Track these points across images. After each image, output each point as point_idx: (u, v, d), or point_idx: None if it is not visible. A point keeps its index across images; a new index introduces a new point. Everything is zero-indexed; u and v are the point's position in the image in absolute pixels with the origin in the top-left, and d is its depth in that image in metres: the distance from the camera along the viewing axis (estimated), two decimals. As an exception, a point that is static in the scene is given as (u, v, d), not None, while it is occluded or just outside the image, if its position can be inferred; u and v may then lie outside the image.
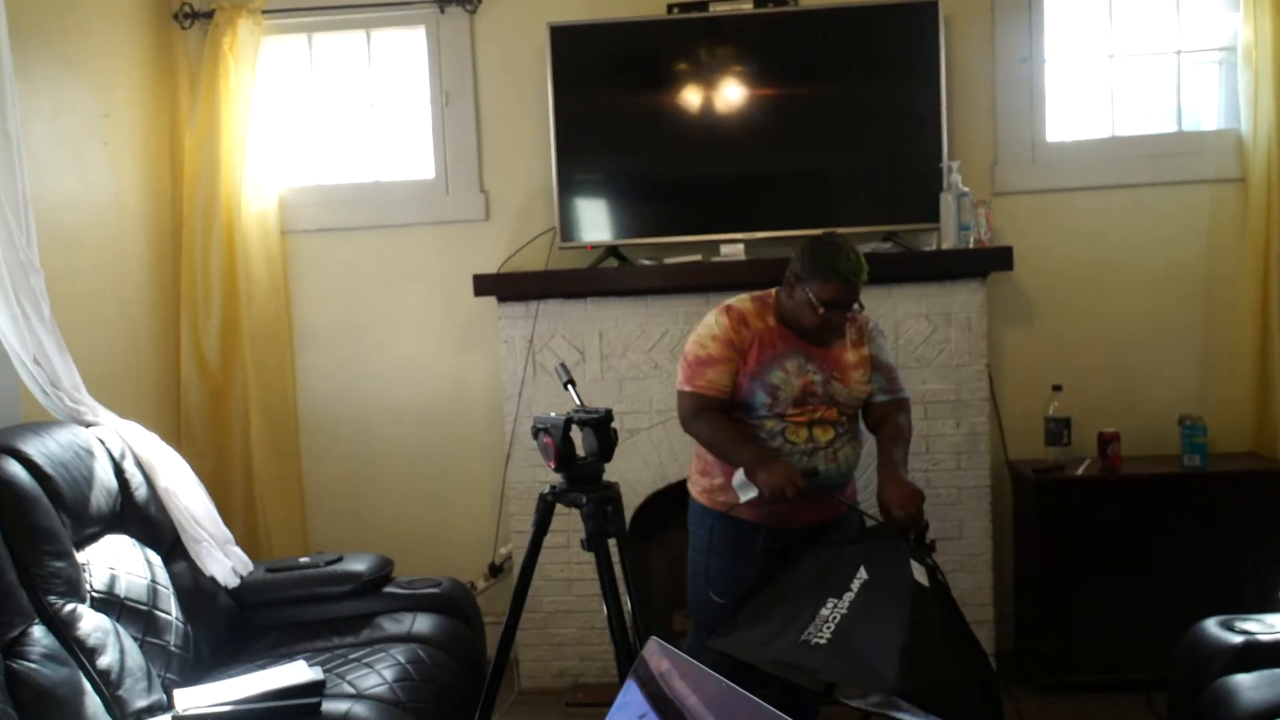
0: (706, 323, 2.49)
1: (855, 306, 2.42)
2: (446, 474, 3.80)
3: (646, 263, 3.46)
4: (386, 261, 3.79)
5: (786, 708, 1.12)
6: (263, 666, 2.56)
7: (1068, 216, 3.54)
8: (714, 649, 2.16)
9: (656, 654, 1.38)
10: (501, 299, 3.48)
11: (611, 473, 2.28)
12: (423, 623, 2.82)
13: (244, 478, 3.73)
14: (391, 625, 2.81)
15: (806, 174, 3.55)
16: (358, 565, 2.96)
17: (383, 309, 3.80)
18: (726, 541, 2.46)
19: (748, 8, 3.54)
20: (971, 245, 3.29)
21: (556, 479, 2.14)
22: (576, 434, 2.14)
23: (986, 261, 3.29)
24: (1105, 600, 3.28)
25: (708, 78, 3.49)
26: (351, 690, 2.42)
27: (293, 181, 3.82)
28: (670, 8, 3.57)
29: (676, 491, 3.33)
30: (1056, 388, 3.38)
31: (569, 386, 2.33)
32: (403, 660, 2.57)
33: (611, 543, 2.19)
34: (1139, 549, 3.28)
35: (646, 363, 3.44)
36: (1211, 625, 2.37)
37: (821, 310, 2.35)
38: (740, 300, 2.51)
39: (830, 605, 2.10)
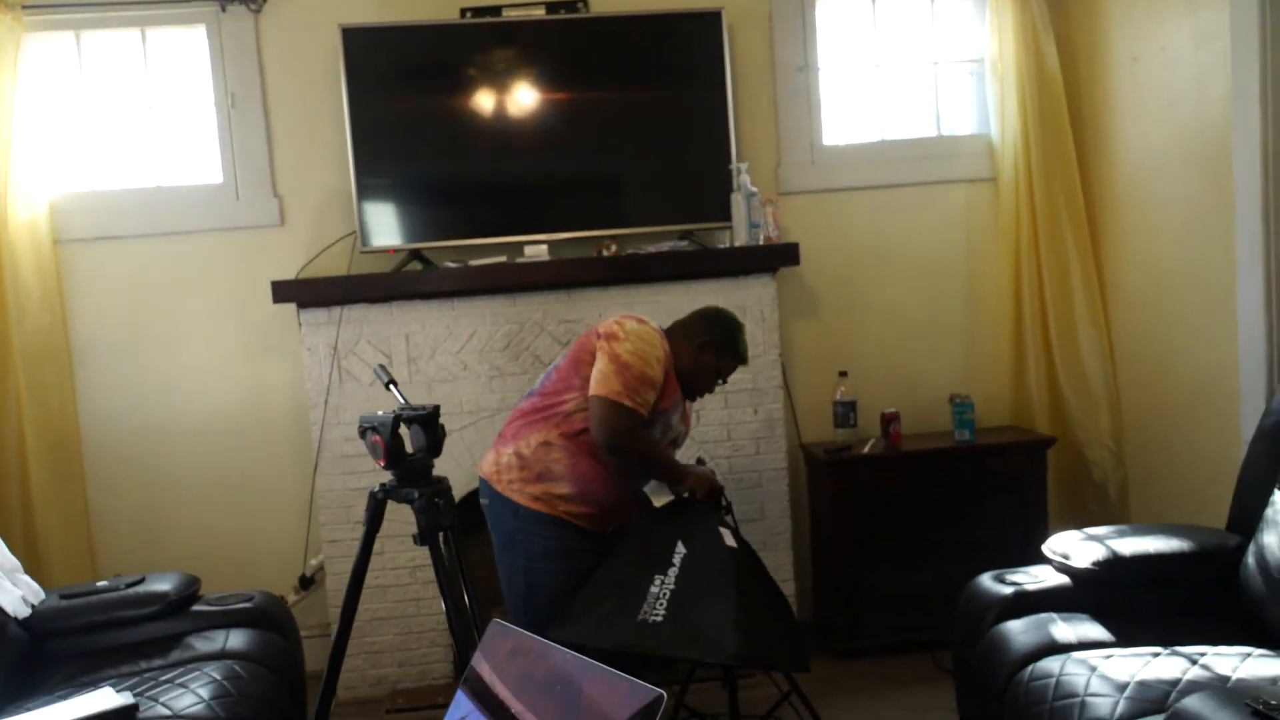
0: (647, 339, 2.51)
1: None
2: (249, 486, 3.67)
3: (451, 265, 3.47)
4: (173, 270, 3.62)
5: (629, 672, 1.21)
6: (64, 697, 2.41)
7: (844, 214, 3.81)
8: (556, 640, 2.20)
9: (499, 634, 1.43)
10: (302, 305, 3.41)
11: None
12: (236, 638, 2.72)
13: (21, 503, 3.47)
14: (203, 644, 2.70)
15: (604, 176, 3.66)
16: (162, 585, 2.82)
17: (172, 320, 3.63)
18: (564, 546, 2.50)
19: (540, 14, 3.61)
20: (762, 242, 3.49)
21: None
22: (403, 431, 2.15)
23: (776, 257, 3.50)
24: (892, 568, 3.56)
25: (504, 81, 3.53)
26: (167, 711, 2.32)
27: (65, 187, 3.59)
28: (463, 12, 3.59)
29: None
30: (842, 373, 3.64)
31: (391, 386, 2.33)
32: (219, 677, 2.48)
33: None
34: (920, 518, 3.58)
35: (455, 364, 3.45)
36: (985, 580, 2.62)
37: (715, 379, 2.67)
38: (663, 340, 2.59)
39: (658, 582, 2.23)
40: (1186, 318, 3.29)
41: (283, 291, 3.37)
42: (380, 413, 2.18)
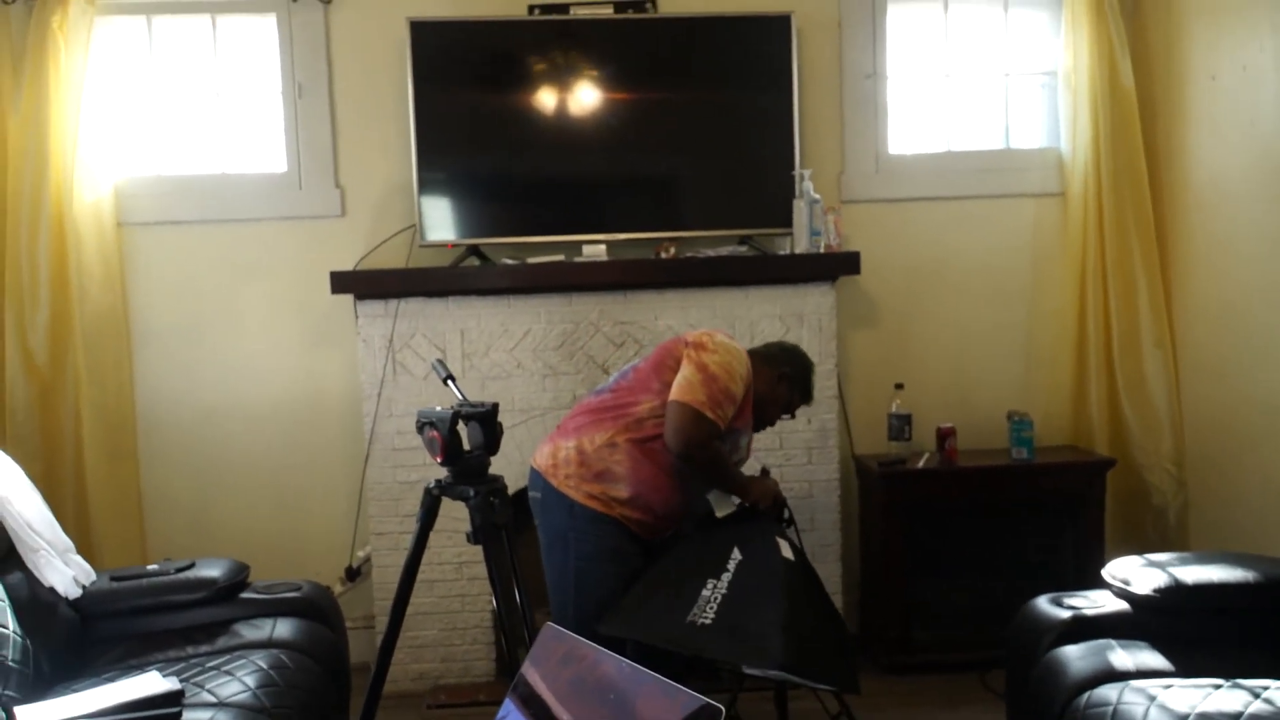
0: (735, 354, 2.52)
1: None
2: (299, 476, 3.69)
3: (509, 262, 3.46)
4: (234, 257, 3.65)
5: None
6: (112, 679, 2.42)
7: (907, 225, 3.75)
8: (605, 633, 2.20)
9: (553, 639, 1.41)
10: (360, 297, 3.42)
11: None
12: (284, 627, 2.73)
13: (75, 482, 3.52)
14: (250, 631, 2.71)
15: (665, 178, 3.64)
16: (211, 571, 2.84)
17: (230, 306, 3.66)
18: (616, 547, 2.47)
19: (608, 12, 3.59)
20: (822, 250, 3.45)
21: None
22: (461, 428, 2.13)
23: (836, 265, 3.46)
24: (943, 585, 3.50)
25: (568, 79, 3.52)
26: (212, 699, 2.33)
27: (131, 171, 3.63)
28: (531, 9, 3.59)
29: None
30: (899, 386, 3.59)
31: (449, 382, 2.33)
32: (265, 666, 2.49)
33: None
34: (973, 536, 3.52)
35: (509, 361, 3.45)
36: (1042, 602, 2.57)
37: (785, 413, 2.74)
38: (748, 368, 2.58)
39: (710, 586, 2.22)
40: (1256, 340, 3.20)
41: (341, 282, 3.38)
42: (439, 408, 2.16)
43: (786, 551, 2.40)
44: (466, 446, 2.16)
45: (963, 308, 3.78)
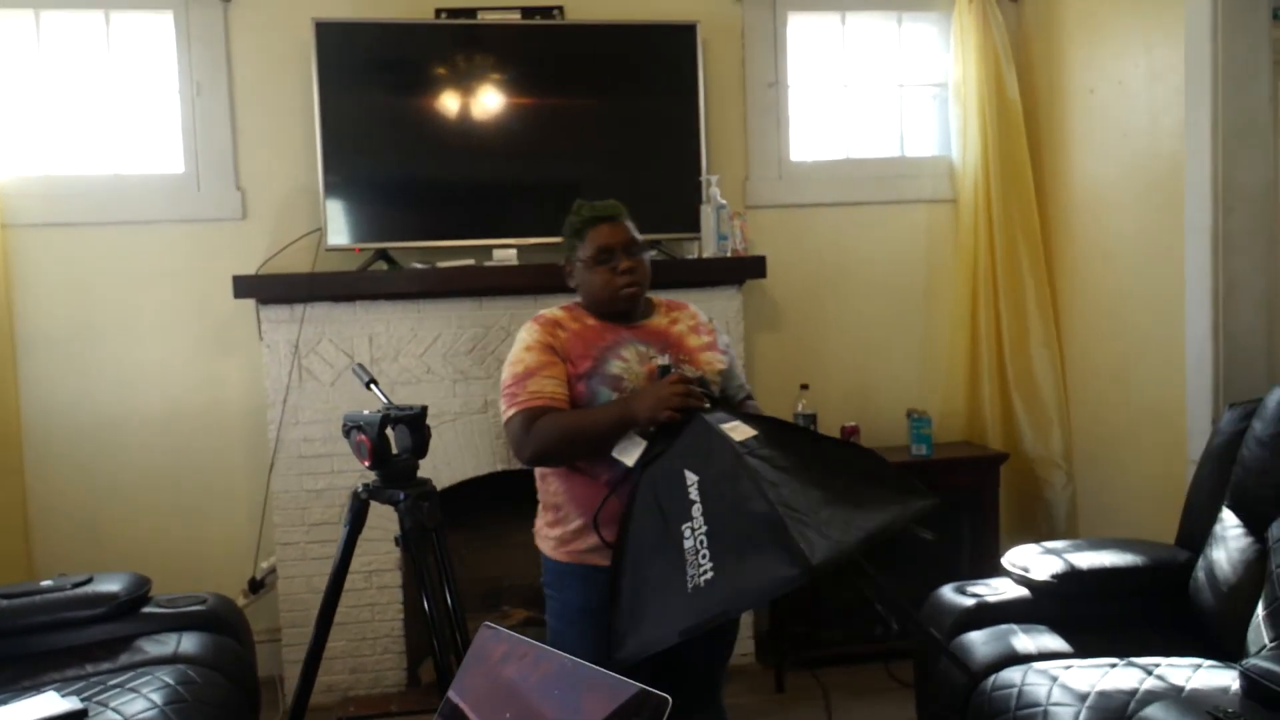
0: (516, 340, 2.16)
1: (646, 250, 2.21)
2: (197, 485, 3.58)
3: (418, 266, 3.44)
4: (129, 261, 3.52)
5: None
6: (4, 702, 2.32)
7: (809, 229, 3.86)
8: (623, 662, 1.76)
9: (491, 639, 1.42)
10: (263, 301, 3.34)
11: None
12: (189, 642, 2.64)
13: (-45, 499, 3.35)
14: (154, 647, 2.62)
15: (574, 182, 3.64)
16: (111, 585, 2.73)
17: (125, 311, 3.53)
18: (588, 604, 2.05)
19: (515, 18, 3.61)
20: (729, 254, 3.52)
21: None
22: (389, 431, 2.12)
23: (743, 269, 3.53)
24: (848, 579, 3.59)
25: (475, 83, 3.52)
26: (118, 717, 2.24)
27: (16, 170, 3.48)
28: (438, 12, 3.58)
29: (447, 494, 3.36)
30: (804, 386, 3.68)
31: (372, 385, 2.30)
32: (172, 682, 2.40)
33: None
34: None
35: (419, 366, 3.42)
36: (947, 591, 2.67)
37: (603, 266, 2.13)
38: (549, 310, 2.22)
39: (689, 534, 1.74)
40: (1137, 340, 3.40)
41: (244, 286, 3.30)
42: (366, 411, 2.14)
43: (741, 431, 1.85)
44: (394, 450, 2.14)
45: (863, 309, 3.90)
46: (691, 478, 1.80)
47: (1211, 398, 2.97)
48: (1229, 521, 2.44)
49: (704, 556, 1.70)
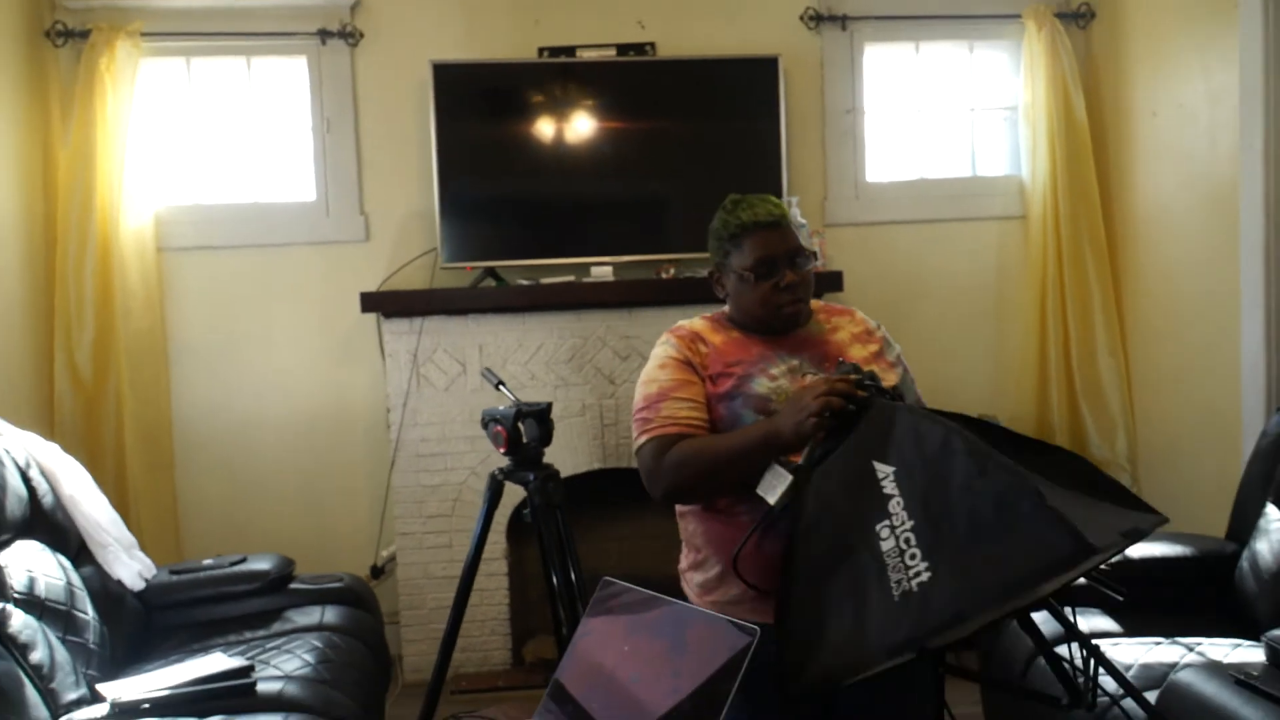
0: (651, 356, 1.92)
1: (810, 261, 1.90)
2: (324, 482, 3.98)
3: (523, 282, 3.79)
4: (265, 279, 3.95)
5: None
6: (179, 661, 2.70)
7: (885, 246, 4.11)
8: (801, 691, 1.48)
9: (608, 589, 1.72)
10: (387, 315, 3.73)
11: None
12: (331, 614, 3.02)
13: (116, 489, 3.78)
14: (301, 618, 3.00)
15: (666, 204, 3.97)
16: (262, 564, 3.13)
17: (261, 325, 3.95)
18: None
19: (611, 55, 3.94)
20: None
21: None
22: (520, 424, 2.47)
23: (823, 284, 3.79)
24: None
25: (576, 115, 3.86)
26: (278, 673, 2.62)
27: (170, 200, 3.92)
28: (541, 50, 3.93)
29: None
30: (879, 393, 3.92)
31: (500, 386, 2.64)
32: (320, 644, 2.78)
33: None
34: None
35: (524, 373, 3.76)
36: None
37: (764, 281, 1.83)
38: (689, 321, 1.96)
39: (887, 533, 1.44)
40: (1196, 349, 3.58)
41: (370, 302, 3.69)
42: (501, 408, 2.49)
43: (929, 422, 1.50)
44: (525, 439, 2.48)
45: (937, 319, 4.14)
46: (884, 469, 1.49)
47: (1265, 402, 3.15)
48: (1272, 515, 2.64)
49: (912, 556, 1.40)
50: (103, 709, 2.36)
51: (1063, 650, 1.62)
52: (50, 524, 2.79)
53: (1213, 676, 1.95)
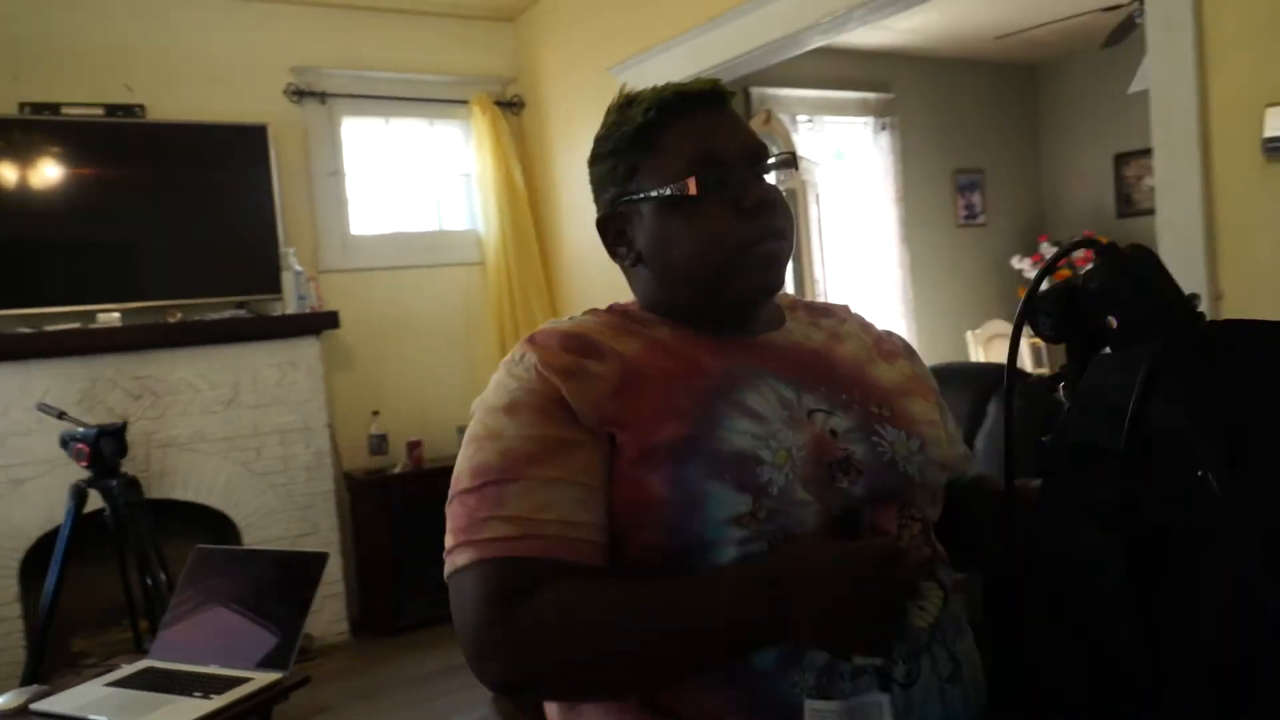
0: (491, 386, 1.10)
1: (790, 165, 1.13)
2: None
3: (25, 330, 3.89)
4: None
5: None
6: None
7: (372, 288, 4.82)
8: None
9: (202, 553, 2.23)
10: None
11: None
12: None
13: None
14: None
15: (174, 256, 4.28)
16: None
17: None
18: None
19: (98, 114, 4.19)
20: (308, 310, 4.37)
21: None
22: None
23: (320, 322, 4.40)
24: (427, 563, 4.53)
25: (73, 169, 4.05)
26: None
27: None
28: (22, 106, 4.06)
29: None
30: (375, 413, 4.61)
31: (63, 416, 2.93)
32: None
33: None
34: (443, 521, 4.62)
35: (30, 418, 3.86)
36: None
37: (704, 193, 1.07)
38: (562, 321, 1.18)
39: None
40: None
41: None
42: (80, 429, 2.84)
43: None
44: (105, 453, 2.82)
45: (420, 349, 4.92)
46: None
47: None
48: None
49: None
50: None
51: None
52: None
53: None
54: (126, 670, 2.10)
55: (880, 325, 1.30)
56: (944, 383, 1.30)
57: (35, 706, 1.96)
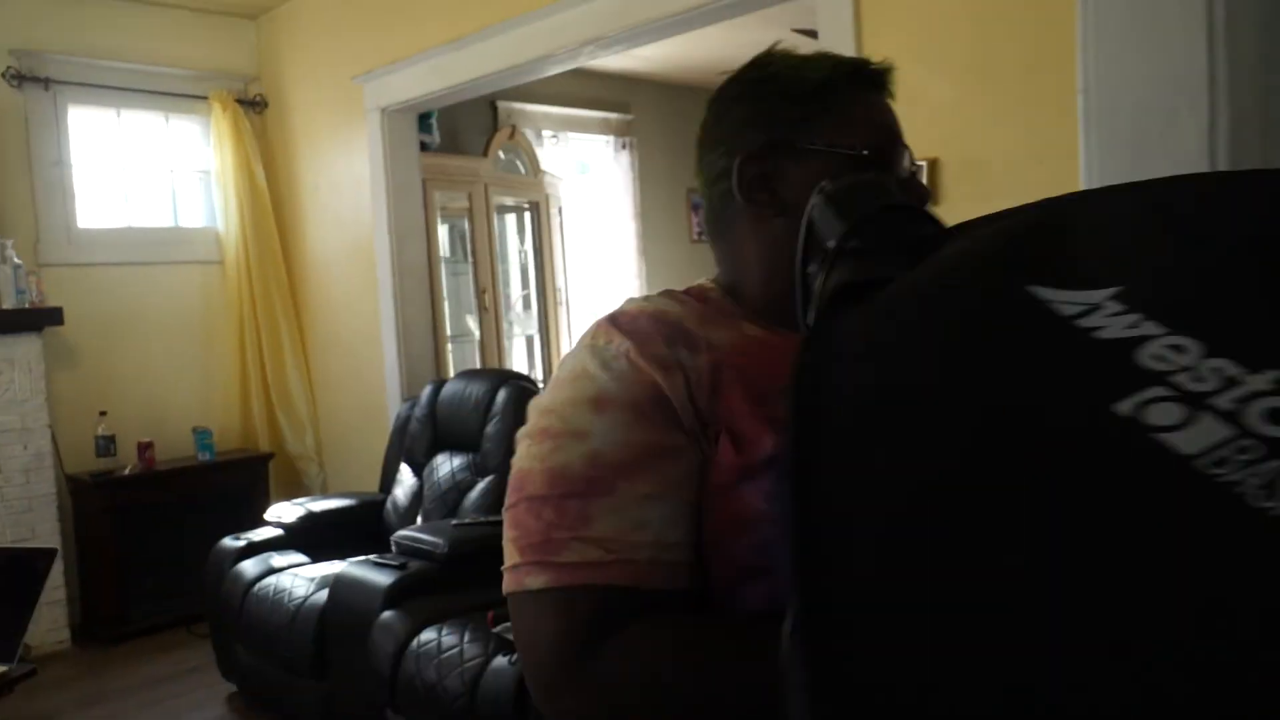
0: (566, 378, 0.91)
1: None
2: None
3: None
4: None
5: None
6: None
7: (102, 284, 4.66)
8: None
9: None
10: None
11: None
12: None
13: None
14: None
15: None
16: None
17: None
18: None
19: None
20: (27, 306, 4.20)
21: None
22: None
23: (41, 319, 4.23)
24: (157, 563, 4.47)
25: None
26: None
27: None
28: None
29: None
30: (102, 413, 4.48)
31: None
32: None
33: None
34: (175, 522, 4.55)
35: None
36: (225, 540, 3.79)
37: (880, 167, 0.96)
38: (642, 301, 0.99)
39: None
40: (356, 358, 4.85)
41: None
42: None
43: None
44: None
45: (154, 348, 4.81)
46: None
47: (399, 395, 4.51)
48: (404, 471, 3.95)
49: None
50: None
51: None
52: None
53: (367, 565, 3.08)
54: None
55: None
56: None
57: None
